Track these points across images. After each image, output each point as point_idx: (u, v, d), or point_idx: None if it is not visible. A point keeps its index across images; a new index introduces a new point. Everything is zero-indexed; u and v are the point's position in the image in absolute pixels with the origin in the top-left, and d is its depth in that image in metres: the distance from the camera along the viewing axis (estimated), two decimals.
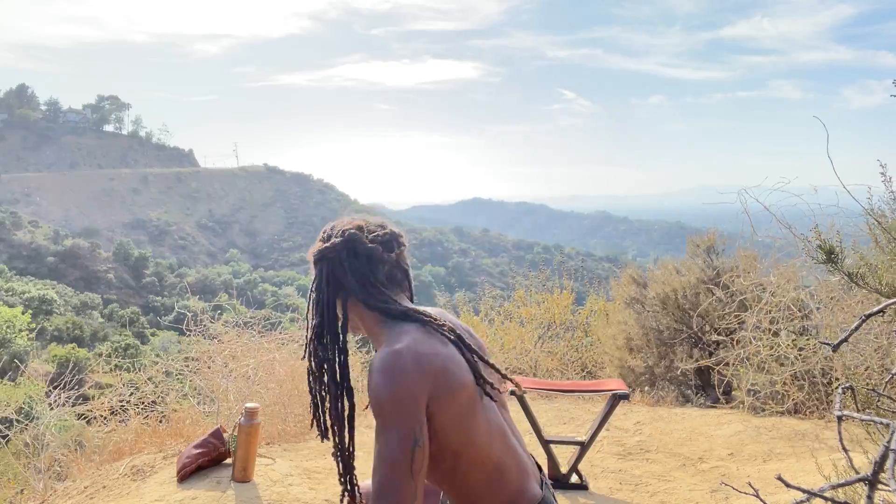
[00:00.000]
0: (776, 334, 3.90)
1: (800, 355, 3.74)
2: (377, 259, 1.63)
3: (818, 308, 3.88)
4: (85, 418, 4.01)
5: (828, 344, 1.38)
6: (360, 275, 1.59)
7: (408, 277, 1.70)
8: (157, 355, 4.52)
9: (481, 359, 1.57)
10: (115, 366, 4.76)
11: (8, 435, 3.92)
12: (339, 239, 1.61)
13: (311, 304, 1.60)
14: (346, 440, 1.57)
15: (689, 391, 4.86)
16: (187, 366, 4.12)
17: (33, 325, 30.81)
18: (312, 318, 1.58)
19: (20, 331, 29.25)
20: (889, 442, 0.82)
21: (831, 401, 3.75)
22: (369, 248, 1.62)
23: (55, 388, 3.98)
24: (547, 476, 1.51)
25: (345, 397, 1.56)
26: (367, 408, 1.55)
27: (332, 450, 1.58)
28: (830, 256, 1.96)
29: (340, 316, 1.56)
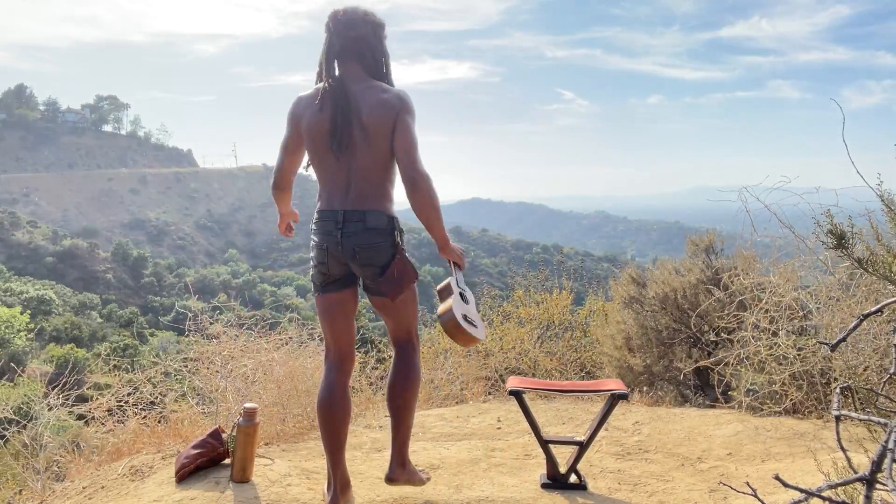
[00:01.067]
0: (775, 334, 3.90)
1: (798, 355, 3.74)
2: (331, 33, 2.49)
3: (818, 308, 3.88)
4: (83, 419, 4.01)
5: (826, 344, 1.39)
6: (326, 45, 2.51)
7: (363, 50, 2.50)
8: (156, 355, 4.52)
9: (348, 121, 2.43)
10: (114, 366, 4.76)
11: (6, 435, 3.92)
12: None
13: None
14: None
15: (688, 391, 4.86)
16: (186, 366, 4.11)
17: (32, 326, 30.78)
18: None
19: (19, 331, 29.23)
20: (886, 441, 0.82)
21: (830, 401, 3.75)
22: (327, 24, 2.50)
23: (54, 388, 3.97)
24: (349, 211, 2.49)
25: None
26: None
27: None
28: (841, 241, 1.95)
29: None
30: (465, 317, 2.58)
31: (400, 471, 2.63)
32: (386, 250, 2.50)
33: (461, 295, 2.66)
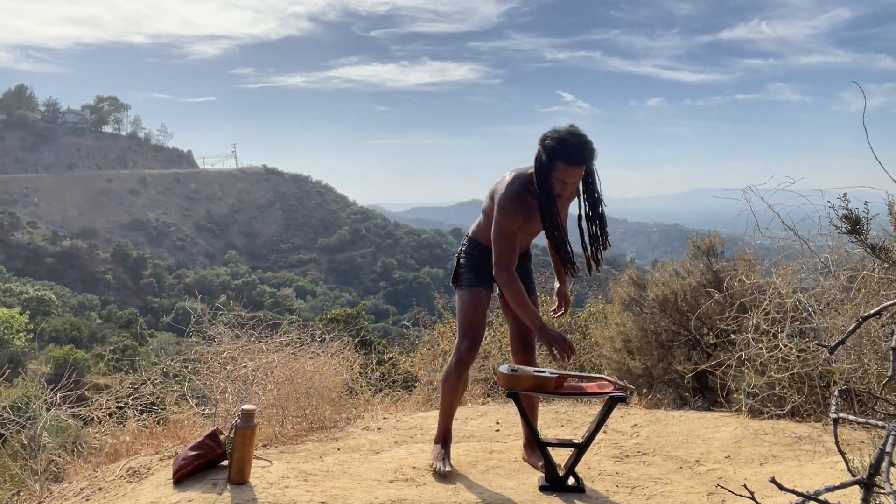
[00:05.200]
0: (776, 336, 3.89)
1: (799, 357, 3.74)
2: None
3: (820, 310, 3.87)
4: (82, 419, 4.00)
5: (825, 346, 1.38)
6: None
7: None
8: (156, 356, 4.51)
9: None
10: (113, 367, 4.75)
11: (4, 435, 3.91)
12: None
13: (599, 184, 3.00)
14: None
15: (687, 394, 4.85)
16: (186, 367, 4.10)
17: (31, 326, 30.75)
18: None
19: (18, 331, 29.19)
20: (884, 444, 0.82)
21: (830, 404, 3.74)
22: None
23: (52, 388, 3.97)
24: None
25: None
26: None
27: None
28: (855, 227, 1.92)
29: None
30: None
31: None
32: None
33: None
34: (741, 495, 1.03)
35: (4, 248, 75.84)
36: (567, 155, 2.79)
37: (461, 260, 3.28)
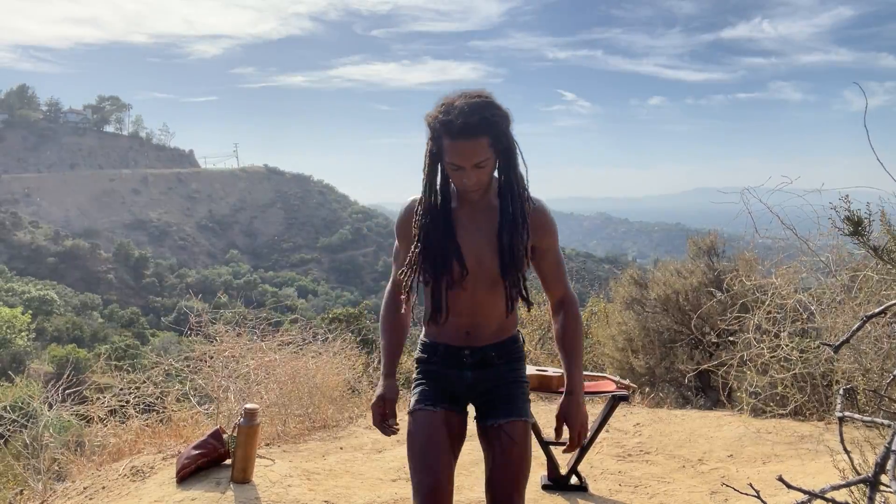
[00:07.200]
0: (777, 336, 3.89)
1: (801, 357, 3.73)
2: None
3: (821, 310, 3.87)
4: (85, 419, 4.00)
5: (829, 345, 1.38)
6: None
7: None
8: (158, 356, 4.51)
9: None
10: (115, 366, 4.75)
11: (5, 435, 3.92)
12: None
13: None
14: None
15: (689, 393, 4.85)
16: (188, 366, 4.11)
17: (33, 326, 30.80)
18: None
19: (20, 331, 29.25)
20: (890, 443, 0.82)
21: (832, 403, 3.74)
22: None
23: (54, 388, 3.97)
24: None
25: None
26: None
27: None
28: (858, 228, 1.91)
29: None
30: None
31: None
32: None
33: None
34: (745, 493, 1.03)
35: (7, 247, 75.94)
36: (449, 125, 1.70)
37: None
